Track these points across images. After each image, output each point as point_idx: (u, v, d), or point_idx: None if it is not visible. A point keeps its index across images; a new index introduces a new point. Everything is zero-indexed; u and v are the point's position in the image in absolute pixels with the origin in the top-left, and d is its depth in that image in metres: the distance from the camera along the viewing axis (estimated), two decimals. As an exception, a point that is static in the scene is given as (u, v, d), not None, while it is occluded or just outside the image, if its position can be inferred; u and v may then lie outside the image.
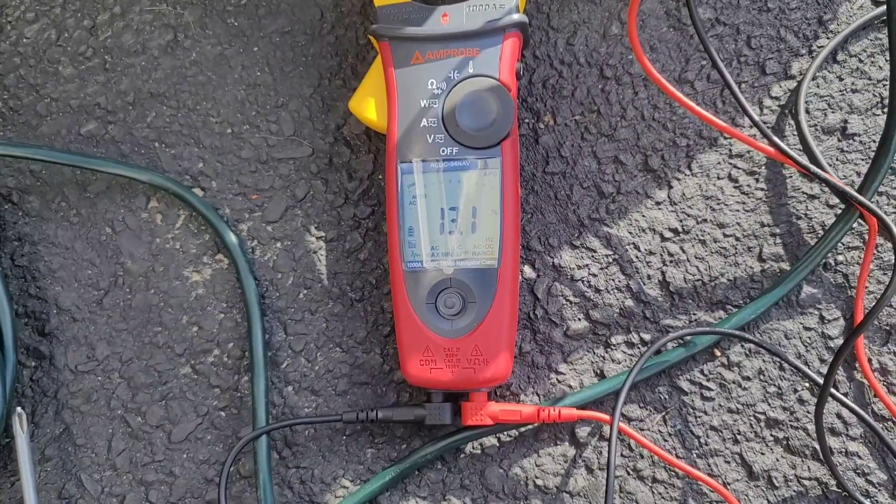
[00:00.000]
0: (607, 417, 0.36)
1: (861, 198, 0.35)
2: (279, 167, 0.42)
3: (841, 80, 0.39)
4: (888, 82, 0.37)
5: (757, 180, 0.40)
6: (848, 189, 0.35)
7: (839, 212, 0.39)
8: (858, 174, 0.39)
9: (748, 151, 0.40)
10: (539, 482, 0.39)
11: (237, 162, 0.43)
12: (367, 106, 0.38)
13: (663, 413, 0.39)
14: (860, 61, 0.39)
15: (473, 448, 0.40)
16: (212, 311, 0.41)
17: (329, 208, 0.41)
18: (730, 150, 0.40)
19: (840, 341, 0.38)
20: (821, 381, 0.35)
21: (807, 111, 0.39)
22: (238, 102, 0.43)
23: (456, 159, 0.36)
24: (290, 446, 0.40)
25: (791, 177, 0.40)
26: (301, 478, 0.40)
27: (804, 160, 0.36)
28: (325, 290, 0.41)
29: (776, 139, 0.36)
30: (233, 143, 0.43)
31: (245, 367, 0.41)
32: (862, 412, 0.36)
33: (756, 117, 0.36)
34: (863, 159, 0.39)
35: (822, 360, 0.38)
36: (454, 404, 0.37)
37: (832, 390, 0.36)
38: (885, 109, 0.37)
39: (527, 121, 0.42)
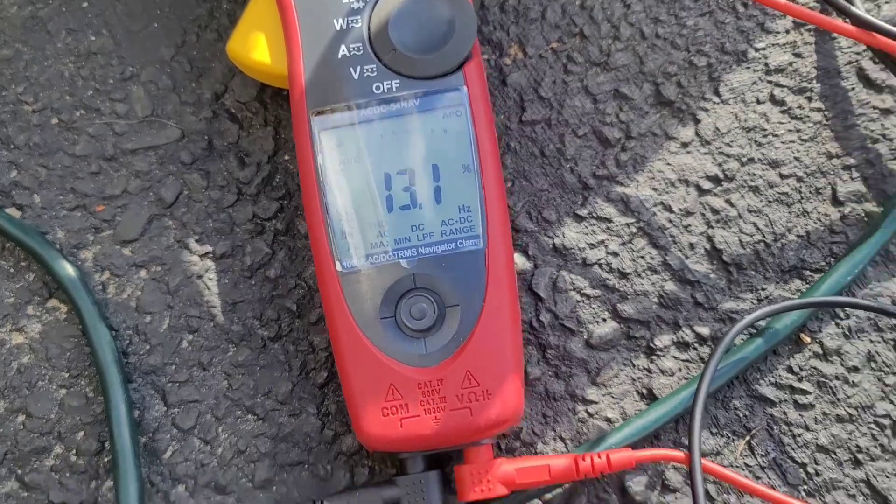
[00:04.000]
0: (681, 455, 0.28)
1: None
2: (134, 162, 0.37)
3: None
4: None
5: (810, 99, 0.35)
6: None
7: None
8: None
9: (790, 64, 0.35)
10: (585, 573, 0.31)
11: (69, 162, 0.37)
12: (255, 44, 0.34)
13: (747, 437, 0.32)
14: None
15: (478, 537, 0.31)
16: (46, 388, 0.35)
17: (215, 211, 0.36)
18: (766, 65, 0.35)
19: (967, 298, 0.32)
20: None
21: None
22: (65, 80, 0.38)
23: (399, 98, 0.31)
24: (189, 581, 0.30)
25: (853, 88, 0.35)
26: None
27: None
28: (220, 331, 0.35)
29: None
30: (61, 138, 0.37)
31: (106, 467, 0.34)
32: None
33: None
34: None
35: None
36: (443, 472, 0.32)
37: None
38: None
39: (486, 57, 0.35)
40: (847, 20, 0.33)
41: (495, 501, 0.31)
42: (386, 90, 0.31)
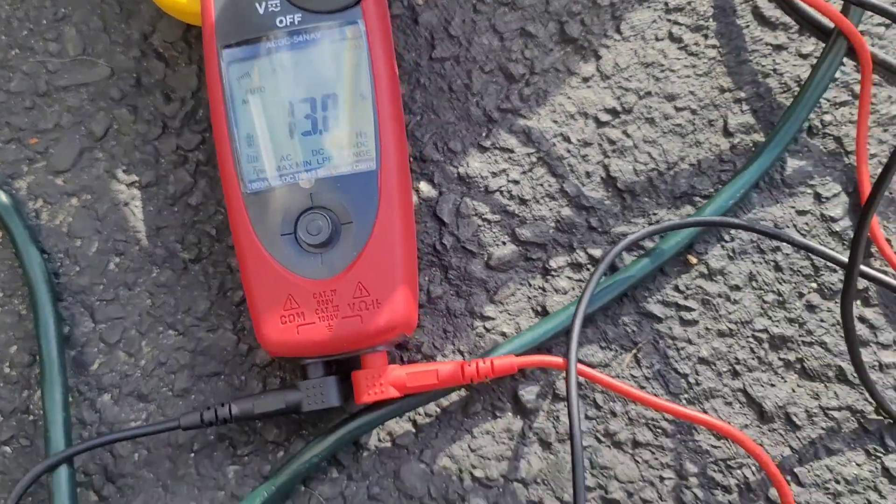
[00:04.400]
0: (560, 360, 0.31)
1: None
2: (66, 98, 0.39)
3: None
4: None
5: (706, 36, 0.37)
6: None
7: (816, 60, 0.35)
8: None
9: (688, 3, 0.37)
10: (478, 473, 0.34)
11: (4, 98, 0.40)
12: (172, -18, 0.34)
13: (634, 350, 0.34)
14: None
15: (380, 440, 0.35)
16: (-19, 306, 0.35)
17: (141, 143, 0.37)
18: (666, 4, 0.38)
19: (846, 222, 0.35)
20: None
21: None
22: (1, 21, 0.40)
23: (301, 31, 0.33)
24: (112, 480, 0.34)
25: (748, 26, 0.37)
26: (132, 523, 0.33)
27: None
28: (145, 254, 0.37)
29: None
30: (-3, 76, 0.39)
31: (37, 378, 0.36)
32: None
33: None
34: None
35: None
36: (341, 378, 0.34)
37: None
38: None
39: (399, -3, 0.37)
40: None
41: (388, 403, 0.34)
42: (289, 23, 0.33)
